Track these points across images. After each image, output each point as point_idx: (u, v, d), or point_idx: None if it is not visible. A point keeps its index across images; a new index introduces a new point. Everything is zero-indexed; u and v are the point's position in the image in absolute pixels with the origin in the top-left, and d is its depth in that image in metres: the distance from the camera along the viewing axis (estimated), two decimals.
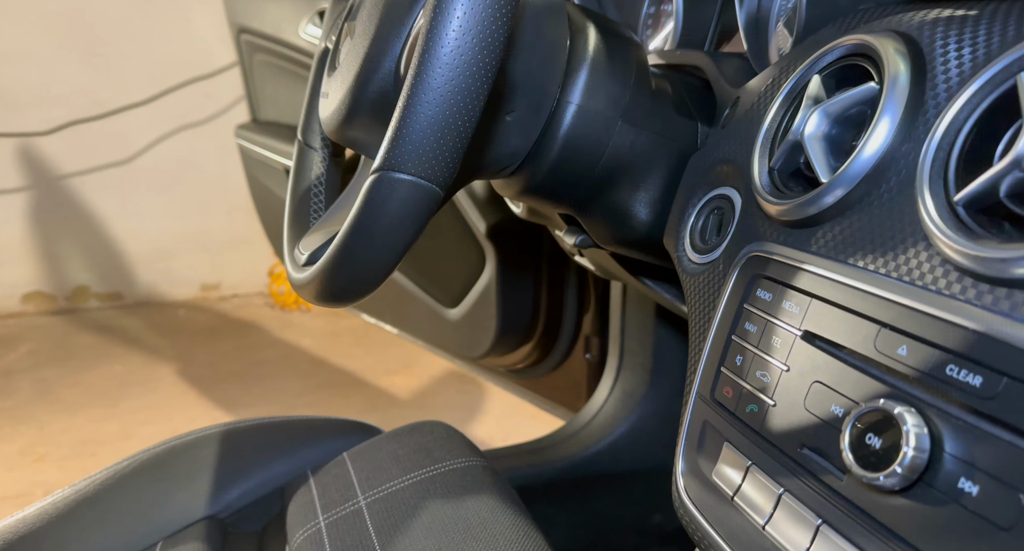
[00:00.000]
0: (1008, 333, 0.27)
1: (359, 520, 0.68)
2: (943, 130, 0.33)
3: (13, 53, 2.38)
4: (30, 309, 2.61)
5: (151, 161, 2.65)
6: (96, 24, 2.46)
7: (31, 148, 2.49)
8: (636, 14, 0.78)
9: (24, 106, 2.44)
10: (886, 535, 0.30)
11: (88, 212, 2.63)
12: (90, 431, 1.87)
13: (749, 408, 0.39)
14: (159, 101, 2.56)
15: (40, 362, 2.25)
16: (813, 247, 0.38)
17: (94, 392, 2.09)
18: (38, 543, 0.70)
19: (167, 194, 2.71)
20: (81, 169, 2.57)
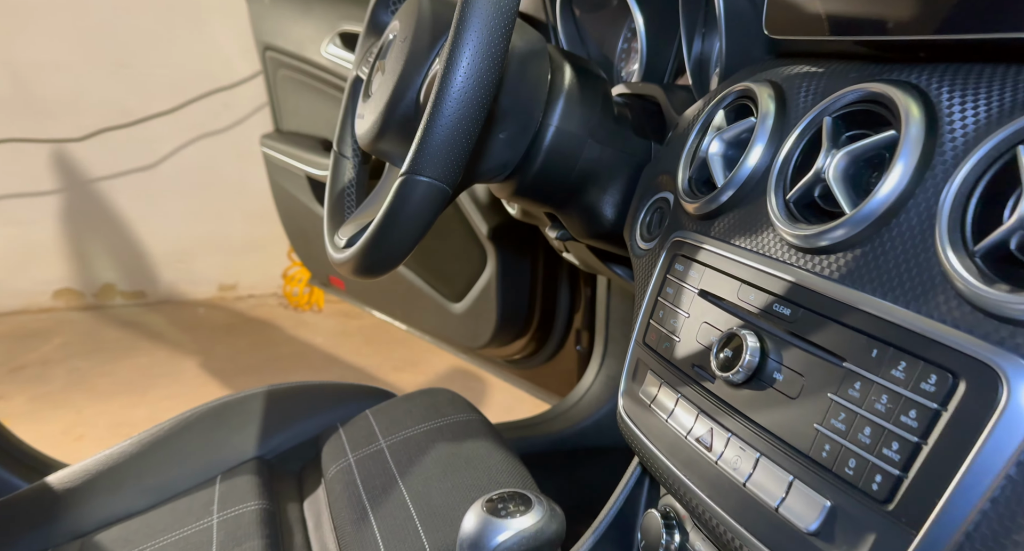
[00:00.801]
0: (808, 280, 0.44)
1: (381, 457, 0.84)
2: (782, 157, 0.49)
3: (49, 65, 2.56)
4: (60, 305, 2.78)
5: (174, 167, 2.82)
6: (125, 38, 2.63)
7: (64, 153, 2.67)
8: (613, 49, 0.94)
9: (58, 114, 2.62)
10: (733, 413, 0.46)
11: (115, 214, 2.80)
12: (123, 415, 2.03)
13: (664, 345, 0.55)
14: (182, 110, 2.74)
15: (73, 353, 2.42)
16: (712, 232, 0.55)
17: (124, 381, 2.25)
18: (122, 473, 0.87)
19: (188, 199, 2.88)
20: (109, 174, 2.74)
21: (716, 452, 0.47)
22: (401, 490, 0.79)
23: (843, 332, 0.41)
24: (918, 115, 0.41)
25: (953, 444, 0.35)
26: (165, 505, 0.85)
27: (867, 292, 0.41)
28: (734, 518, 0.45)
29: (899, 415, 0.37)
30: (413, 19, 0.67)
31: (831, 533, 0.39)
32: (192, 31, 2.68)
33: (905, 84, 0.43)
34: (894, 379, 0.38)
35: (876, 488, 0.37)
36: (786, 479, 0.42)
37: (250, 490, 0.84)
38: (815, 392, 0.42)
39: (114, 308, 2.85)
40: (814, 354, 0.42)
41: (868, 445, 0.38)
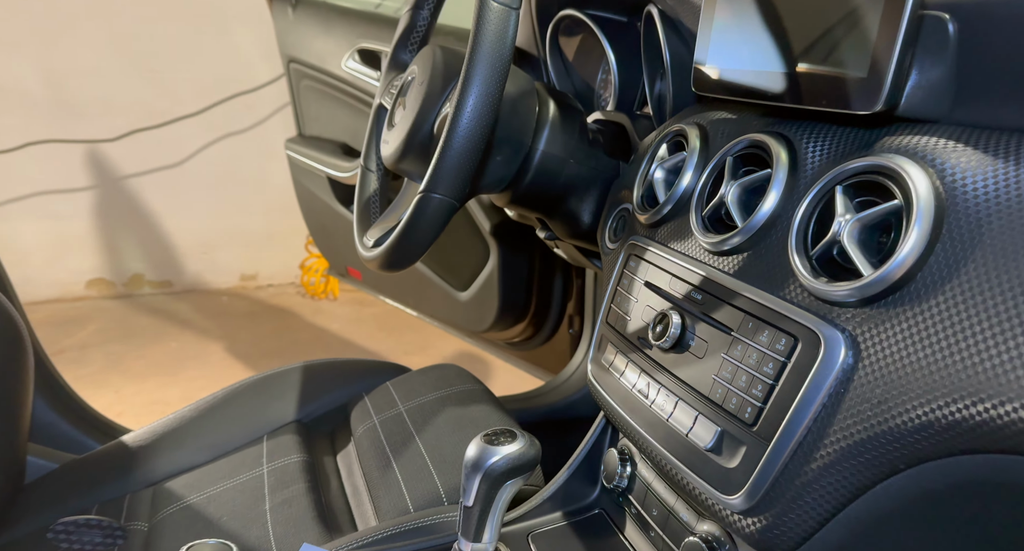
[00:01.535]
0: (714, 274, 0.61)
1: (400, 419, 1.02)
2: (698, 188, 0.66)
3: (84, 70, 2.74)
4: (93, 293, 2.97)
5: (199, 165, 3.00)
6: (154, 45, 2.81)
7: (97, 153, 2.85)
8: (593, 78, 1.11)
9: (92, 116, 2.80)
10: (663, 370, 0.63)
11: (144, 209, 2.99)
12: (157, 394, 2.22)
13: (620, 323, 0.72)
14: (207, 112, 2.92)
15: (108, 338, 2.61)
16: (656, 238, 0.72)
17: (157, 364, 2.44)
18: (185, 433, 1.05)
19: (212, 194, 3.06)
20: (139, 171, 2.93)
21: (651, 399, 0.65)
22: (418, 444, 0.97)
23: (733, 311, 0.58)
24: (785, 158, 0.58)
25: (792, 385, 0.52)
26: (222, 459, 1.04)
27: (749, 283, 0.58)
28: (660, 444, 0.62)
29: (762, 367, 0.54)
30: (429, 66, 0.84)
31: (720, 448, 0.56)
32: (217, 38, 2.85)
33: (778, 134, 0.60)
34: (760, 343, 0.55)
35: (747, 416, 0.55)
36: (693, 414, 0.59)
37: (292, 446, 1.02)
38: (714, 353, 0.59)
39: (143, 297, 3.04)
40: (715, 326, 0.60)
41: (744, 388, 0.55)
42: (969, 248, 0.45)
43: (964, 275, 0.45)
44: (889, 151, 0.51)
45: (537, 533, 0.74)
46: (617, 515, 0.76)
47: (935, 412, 0.44)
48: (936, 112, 0.52)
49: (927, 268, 0.46)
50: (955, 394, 0.43)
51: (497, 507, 0.61)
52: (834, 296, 0.51)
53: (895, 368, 0.47)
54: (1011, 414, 0.40)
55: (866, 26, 0.51)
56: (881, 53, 0.50)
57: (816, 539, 0.51)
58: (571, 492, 0.79)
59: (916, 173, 0.48)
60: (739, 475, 0.54)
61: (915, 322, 0.46)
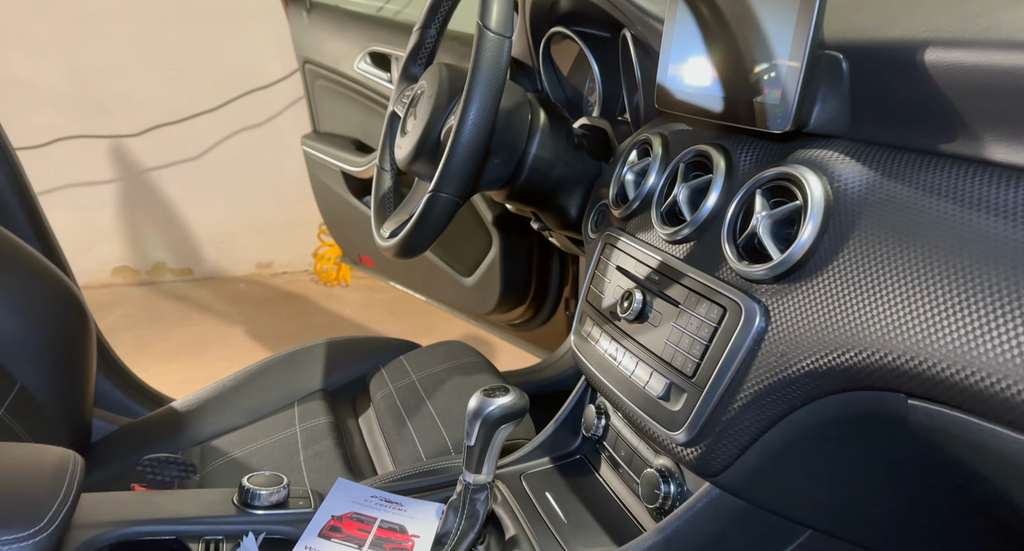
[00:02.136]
0: (669, 259, 0.76)
1: (413, 387, 1.17)
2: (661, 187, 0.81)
3: (108, 69, 2.89)
4: (119, 281, 3.14)
5: (217, 158, 3.15)
6: (175, 45, 2.95)
7: (121, 147, 3.01)
8: (582, 85, 1.25)
9: (116, 113, 2.95)
10: (628, 338, 0.78)
11: (165, 200, 3.15)
12: (185, 374, 2.39)
13: (597, 301, 0.87)
14: (224, 108, 3.06)
15: (135, 323, 2.77)
16: (627, 229, 0.86)
17: (182, 346, 2.61)
18: (225, 399, 1.21)
19: (229, 186, 3.21)
20: (160, 165, 3.08)
21: (618, 361, 0.79)
22: (428, 406, 1.12)
23: (681, 288, 0.73)
24: (723, 166, 0.73)
25: (720, 345, 0.67)
26: (259, 421, 1.19)
27: (693, 266, 0.73)
28: (625, 397, 0.77)
29: (700, 332, 0.69)
30: (436, 83, 0.99)
31: (668, 396, 0.71)
32: (233, 37, 3.00)
33: (719, 145, 0.74)
34: (699, 313, 0.70)
35: (688, 370, 0.69)
36: (649, 371, 0.74)
37: (320, 410, 1.18)
38: (666, 322, 0.74)
39: (165, 283, 3.20)
40: (667, 301, 0.74)
41: (686, 348, 0.70)
42: (847, 237, 0.59)
43: (842, 258, 0.59)
44: (796, 161, 0.66)
45: (528, 474, 0.90)
46: (594, 458, 0.91)
47: (818, 362, 0.59)
48: (838, 129, 0.66)
49: (818, 253, 0.61)
50: (832, 347, 0.58)
51: (493, 446, 0.76)
52: (753, 275, 0.65)
53: (793, 330, 0.61)
54: (867, 360, 0.55)
55: (779, 63, 0.65)
56: (789, 84, 0.64)
57: (739, 462, 0.66)
58: (557, 442, 0.94)
59: (813, 180, 0.62)
60: (681, 416, 0.69)
61: (808, 294, 0.61)
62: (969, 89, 0.54)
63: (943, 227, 0.53)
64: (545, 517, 0.82)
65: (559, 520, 0.81)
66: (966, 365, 0.48)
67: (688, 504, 0.71)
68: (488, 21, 0.84)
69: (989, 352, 0.47)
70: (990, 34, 0.53)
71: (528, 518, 0.81)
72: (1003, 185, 0.51)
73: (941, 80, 0.56)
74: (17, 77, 2.75)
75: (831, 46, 0.65)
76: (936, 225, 0.53)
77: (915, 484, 0.63)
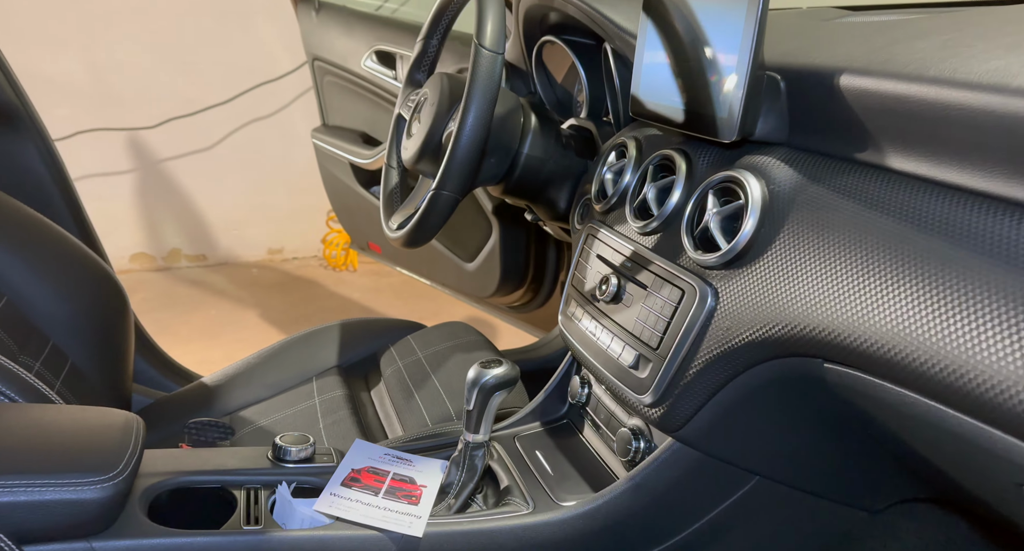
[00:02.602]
0: (640, 249, 0.88)
1: (419, 362, 1.30)
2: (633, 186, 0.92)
3: (125, 64, 3.00)
4: (136, 267, 3.27)
5: (229, 149, 3.27)
6: (187, 40, 3.06)
7: (138, 139, 3.13)
8: (572, 88, 1.37)
9: (132, 106, 3.07)
10: (605, 317, 0.90)
11: (180, 189, 3.27)
12: (204, 355, 2.52)
13: (580, 285, 0.99)
14: (235, 100, 3.18)
15: (153, 307, 2.90)
16: (606, 222, 0.99)
17: (200, 329, 2.74)
18: (250, 374, 1.34)
19: (240, 175, 3.33)
20: (175, 155, 3.20)
21: (597, 337, 0.92)
22: (433, 380, 1.25)
23: (649, 274, 0.85)
24: (684, 168, 0.85)
25: (679, 321, 0.79)
26: (281, 394, 1.32)
27: (659, 254, 0.85)
28: (603, 367, 0.90)
29: (664, 311, 0.81)
30: (438, 91, 1.11)
31: (637, 365, 0.84)
32: (242, 32, 3.10)
33: (681, 150, 0.86)
34: (663, 295, 0.82)
35: (653, 343, 0.82)
36: (622, 345, 0.87)
37: (336, 385, 1.31)
38: (636, 303, 0.86)
39: (180, 269, 3.34)
40: (638, 285, 0.87)
41: (652, 325, 0.82)
42: (778, 231, 0.71)
43: (774, 248, 0.71)
44: (741, 166, 0.78)
45: (521, 436, 1.03)
46: (578, 422, 1.04)
47: (755, 334, 0.71)
48: (778, 138, 0.78)
49: (756, 244, 0.73)
50: (765, 322, 0.70)
51: (489, 410, 0.88)
52: (706, 263, 0.77)
53: (736, 308, 0.74)
54: (792, 332, 0.67)
55: (727, 82, 0.77)
56: (735, 101, 0.76)
57: (695, 419, 0.79)
58: (546, 408, 1.07)
59: (753, 183, 0.74)
60: (648, 381, 0.82)
61: (748, 279, 0.73)
62: (872, 109, 0.66)
63: (850, 223, 0.65)
64: (534, 471, 0.95)
65: (546, 473, 0.94)
66: (864, 336, 0.61)
67: (654, 456, 0.84)
68: (483, 40, 0.96)
69: (879, 325, 0.59)
70: (887, 65, 0.64)
71: (520, 472, 0.94)
72: (897, 188, 0.63)
73: (853, 100, 0.68)
74: (40, 73, 2.86)
75: (772, 68, 0.77)
76: (845, 221, 0.66)
77: (836, 434, 0.76)
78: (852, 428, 0.73)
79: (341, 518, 0.79)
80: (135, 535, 0.72)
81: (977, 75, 0.55)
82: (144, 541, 0.72)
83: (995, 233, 0.53)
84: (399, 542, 0.79)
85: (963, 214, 0.56)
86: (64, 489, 0.68)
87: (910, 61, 0.63)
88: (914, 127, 0.61)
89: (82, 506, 0.69)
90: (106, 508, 0.70)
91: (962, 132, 0.56)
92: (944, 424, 0.55)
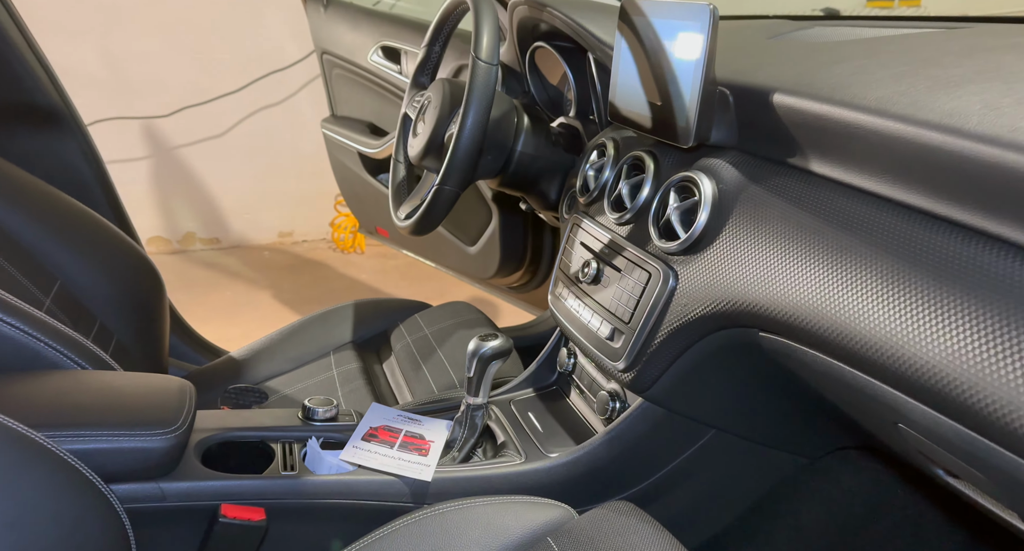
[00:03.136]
0: (616, 237, 1.02)
1: (426, 338, 1.45)
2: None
3: (140, 54, 3.13)
4: (152, 250, 3.42)
5: (239, 136, 3.40)
6: (199, 30, 3.18)
7: (152, 127, 3.26)
8: (563, 88, 1.50)
9: (147, 95, 3.20)
10: (587, 296, 1.05)
11: (194, 175, 3.41)
12: (222, 334, 2.66)
13: (566, 268, 1.13)
14: (246, 89, 3.31)
15: (172, 288, 3.01)
16: (588, 213, 1.13)
17: (216, 309, 2.89)
18: (274, 349, 1.49)
19: (251, 161, 3.47)
20: (189, 142, 3.34)
21: (579, 313, 1.06)
22: (439, 354, 1.40)
23: (623, 259, 0.99)
24: (652, 168, 0.98)
25: (647, 299, 0.93)
26: (302, 367, 1.47)
27: (632, 242, 0.99)
28: (585, 340, 1.04)
29: (634, 290, 0.96)
30: (440, 96, 1.24)
31: (612, 337, 0.98)
32: (251, 23, 3.22)
33: (650, 152, 1.00)
34: (634, 277, 0.96)
35: (625, 318, 0.96)
36: (600, 320, 1.01)
37: (351, 358, 1.46)
38: (612, 284, 1.00)
39: (195, 252, 3.48)
40: (614, 268, 1.01)
41: (625, 302, 0.97)
42: (725, 223, 0.85)
43: (721, 238, 0.85)
44: (697, 167, 0.92)
45: (515, 400, 1.18)
46: (565, 388, 1.19)
47: (706, 310, 0.85)
48: (729, 144, 0.92)
49: (707, 234, 0.87)
50: (713, 300, 0.84)
51: (487, 377, 1.03)
52: (668, 249, 0.92)
53: (692, 288, 0.88)
54: (734, 308, 0.81)
55: (684, 94, 0.90)
56: (691, 111, 0.90)
57: (660, 381, 0.93)
58: (538, 377, 1.22)
59: (706, 182, 0.88)
60: (621, 350, 0.96)
61: (700, 263, 0.87)
62: (797, 123, 0.79)
63: (779, 217, 0.79)
64: (526, 428, 1.10)
65: (536, 430, 1.09)
66: (787, 310, 0.75)
67: (627, 413, 0.99)
68: (480, 53, 1.10)
69: (797, 301, 0.74)
70: (809, 87, 0.78)
71: (514, 429, 1.09)
72: (816, 188, 0.77)
73: (783, 115, 0.81)
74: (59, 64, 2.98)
75: (723, 84, 0.90)
76: (775, 215, 0.80)
77: (775, 391, 0.91)
78: (787, 386, 0.87)
79: (363, 466, 0.95)
80: (193, 478, 0.88)
81: (870, 100, 0.69)
82: (201, 483, 0.88)
83: (883, 226, 0.67)
84: (411, 485, 0.94)
85: (861, 210, 0.70)
86: (136, 439, 0.83)
87: (826, 84, 0.77)
88: (827, 139, 0.75)
89: (150, 453, 0.84)
90: (169, 455, 0.86)
91: (860, 145, 0.70)
92: (843, 378, 0.69)
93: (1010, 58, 0.70)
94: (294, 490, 0.90)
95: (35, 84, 1.38)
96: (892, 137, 0.65)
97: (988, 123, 0.57)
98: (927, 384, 0.58)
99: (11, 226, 1.21)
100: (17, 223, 1.22)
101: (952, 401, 0.56)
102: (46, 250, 1.26)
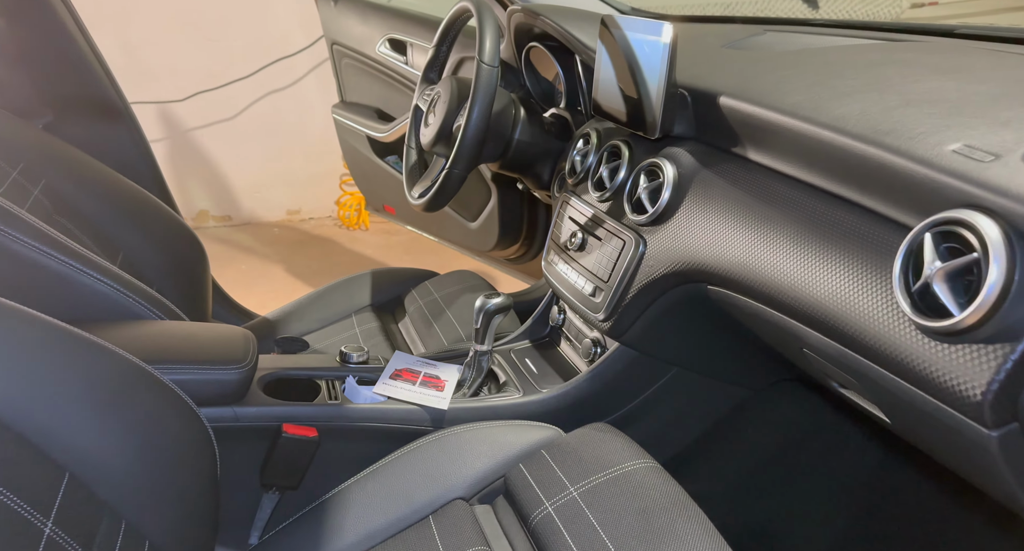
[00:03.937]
0: (599, 213, 1.23)
1: (436, 301, 1.67)
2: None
3: (154, 41, 3.31)
4: None
5: (250, 119, 3.59)
6: (211, 17, 3.36)
7: (167, 111, 3.45)
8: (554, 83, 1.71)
9: (162, 80, 3.38)
10: (573, 261, 1.26)
11: (207, 156, 3.60)
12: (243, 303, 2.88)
13: (556, 238, 1.35)
14: (256, 75, 3.49)
15: None
16: (576, 191, 1.34)
17: (233, 283, 3.08)
18: (302, 312, 1.71)
19: (261, 143, 3.66)
20: (202, 125, 3.53)
21: (567, 275, 1.28)
22: (448, 314, 1.62)
23: (604, 230, 1.21)
24: (627, 154, 1.20)
25: (622, 262, 1.15)
26: (327, 327, 1.69)
27: (611, 217, 1.20)
28: (572, 297, 1.26)
29: (612, 255, 1.17)
30: (448, 91, 1.45)
31: (594, 294, 1.20)
32: (261, 12, 3.40)
33: (626, 141, 1.21)
34: (612, 244, 1.18)
35: (604, 277, 1.18)
36: (584, 280, 1.23)
37: (371, 319, 1.67)
38: (594, 250, 1.22)
39: (208, 228, 3.69)
40: (596, 238, 1.23)
41: (604, 265, 1.18)
42: (682, 200, 1.07)
43: (680, 212, 1.07)
44: (662, 155, 1.13)
45: (515, 349, 1.40)
46: (556, 339, 1.42)
47: (667, 269, 1.07)
48: (689, 135, 1.13)
49: (669, 209, 1.09)
50: (672, 261, 1.06)
51: (491, 328, 1.25)
52: (639, 222, 1.13)
53: (657, 252, 1.10)
54: (687, 267, 1.03)
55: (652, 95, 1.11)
56: (657, 108, 1.11)
57: (632, 328, 1.15)
58: (533, 331, 1.44)
59: (668, 166, 1.10)
60: (600, 304, 1.18)
61: (664, 232, 1.09)
62: (737, 120, 1.01)
63: (722, 195, 1.01)
64: (524, 371, 1.32)
65: (532, 372, 1.32)
66: (727, 268, 0.97)
67: (606, 356, 1.21)
68: (483, 57, 1.30)
69: (736, 261, 0.95)
70: (746, 93, 0.99)
71: (513, 372, 1.32)
72: (750, 172, 0.99)
73: (727, 113, 1.02)
74: None
75: (683, 87, 1.11)
76: (720, 194, 1.01)
77: (722, 334, 1.13)
78: (731, 329, 1.10)
79: (392, 397, 1.17)
80: (259, 404, 1.10)
81: (787, 105, 0.90)
82: (266, 408, 1.10)
83: (795, 201, 0.89)
84: (432, 413, 1.16)
85: (781, 189, 0.92)
86: (216, 372, 1.05)
87: (758, 90, 0.98)
88: (758, 134, 0.97)
89: (226, 384, 1.06)
90: (241, 385, 1.08)
91: (780, 139, 0.92)
92: (765, 316, 0.91)
93: (890, 72, 0.91)
94: (339, 414, 1.12)
95: (95, 79, 1.58)
96: (801, 134, 0.87)
97: (861, 125, 0.79)
98: (817, 316, 0.80)
99: (83, 205, 1.42)
100: (87, 202, 1.43)
101: (832, 327, 0.78)
102: (110, 225, 1.47)
